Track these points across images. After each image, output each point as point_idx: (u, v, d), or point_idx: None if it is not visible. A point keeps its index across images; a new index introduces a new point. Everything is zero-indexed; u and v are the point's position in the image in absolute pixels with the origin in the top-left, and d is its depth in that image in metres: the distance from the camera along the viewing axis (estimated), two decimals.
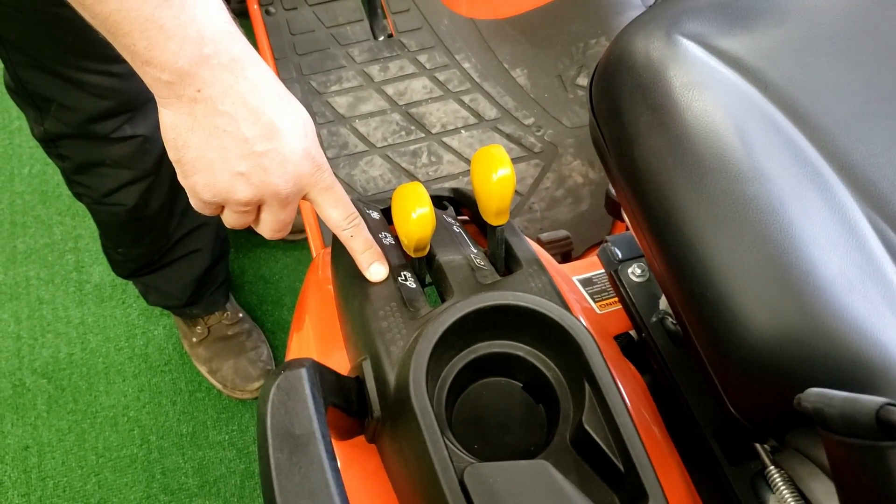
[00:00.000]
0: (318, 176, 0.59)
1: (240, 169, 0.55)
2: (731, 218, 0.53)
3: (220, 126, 0.54)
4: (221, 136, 0.54)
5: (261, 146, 0.55)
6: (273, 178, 0.56)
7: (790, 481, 0.60)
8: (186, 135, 0.55)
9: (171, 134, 0.56)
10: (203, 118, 0.54)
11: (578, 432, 0.55)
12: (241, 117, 0.54)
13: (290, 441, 0.45)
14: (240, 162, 0.55)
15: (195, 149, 0.55)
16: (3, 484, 1.45)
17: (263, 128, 0.54)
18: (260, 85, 0.54)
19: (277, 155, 0.55)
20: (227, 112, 0.53)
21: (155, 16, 0.49)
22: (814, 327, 0.49)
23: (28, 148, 1.84)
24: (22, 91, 1.03)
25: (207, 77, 0.52)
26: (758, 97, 0.59)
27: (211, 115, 0.54)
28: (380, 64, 1.52)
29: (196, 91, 0.53)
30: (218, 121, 0.54)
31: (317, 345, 0.74)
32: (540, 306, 0.58)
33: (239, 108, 0.54)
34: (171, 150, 0.57)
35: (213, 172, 0.56)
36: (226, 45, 0.53)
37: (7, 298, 1.65)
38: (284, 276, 1.68)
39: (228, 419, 1.51)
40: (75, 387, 1.55)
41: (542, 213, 1.36)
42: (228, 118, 0.54)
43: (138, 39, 0.50)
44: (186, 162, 0.56)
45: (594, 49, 1.52)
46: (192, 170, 0.57)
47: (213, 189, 0.57)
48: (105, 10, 0.49)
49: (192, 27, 0.51)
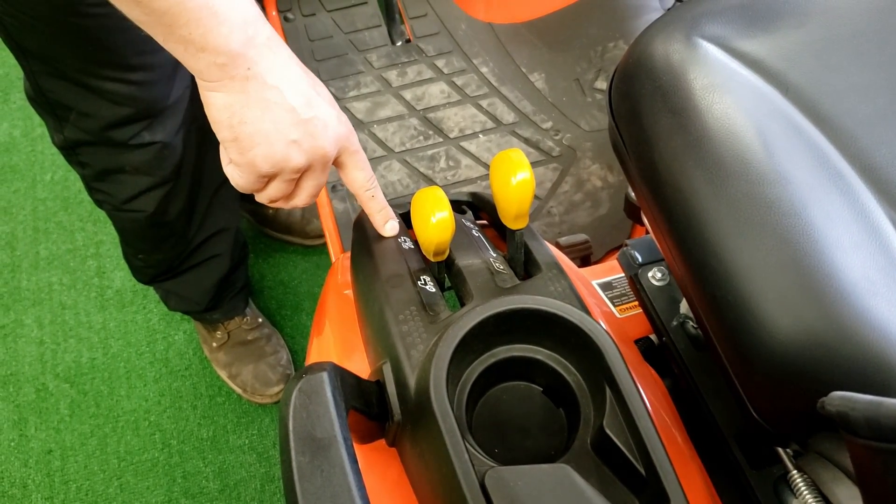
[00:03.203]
0: (351, 138, 0.65)
1: (293, 137, 0.60)
2: (752, 221, 0.52)
3: (271, 99, 0.58)
4: (273, 108, 0.59)
5: (306, 113, 0.60)
6: (320, 141, 0.61)
7: (813, 486, 0.59)
8: (242, 111, 0.59)
9: (226, 114, 0.59)
10: (255, 93, 0.58)
11: (599, 436, 0.55)
12: (286, 89, 0.59)
13: (312, 444, 0.45)
14: (292, 130, 0.59)
15: (251, 123, 0.59)
16: (27, 487, 1.47)
17: (305, 97, 0.60)
18: (291, 60, 0.60)
19: (320, 121, 0.60)
20: (275, 85, 0.58)
21: (209, 3, 0.54)
22: (837, 331, 0.48)
23: (50, 155, 1.86)
24: (42, 99, 1.04)
25: (254, 55, 0.57)
26: (779, 99, 0.59)
27: (262, 90, 0.58)
28: (398, 69, 1.52)
29: (247, 69, 0.57)
30: (268, 94, 0.58)
31: (337, 349, 0.74)
32: (560, 310, 0.57)
33: (283, 81, 0.59)
34: (225, 130, 0.60)
35: (271, 143, 0.60)
36: (261, 26, 0.58)
37: (30, 304, 1.67)
38: (303, 280, 1.69)
39: (248, 423, 1.52)
40: (97, 391, 1.56)
41: (560, 217, 1.36)
42: (276, 91, 0.58)
43: (195, 28, 0.54)
44: (245, 137, 0.60)
45: (612, 52, 1.51)
46: (251, 144, 0.60)
47: (273, 159, 0.60)
48: (165, 4, 0.53)
49: (236, 11, 0.55)
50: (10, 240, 1.75)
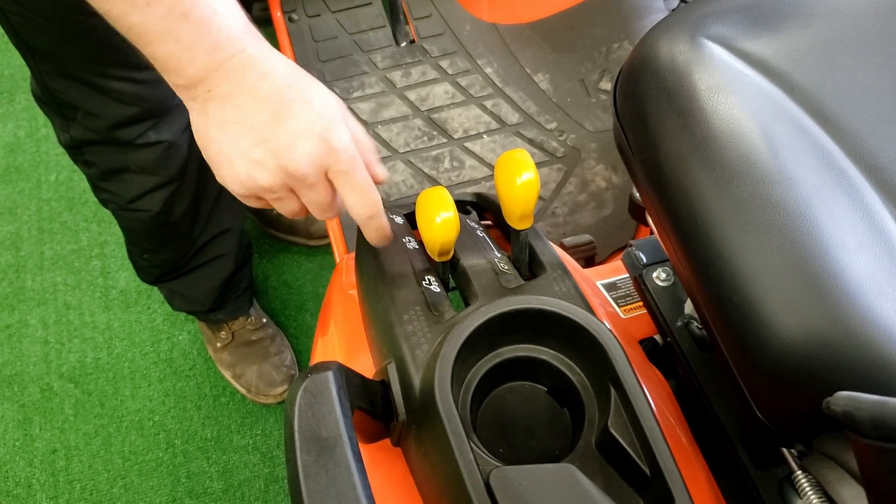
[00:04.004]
0: (333, 158, 0.57)
1: (255, 156, 0.57)
2: (757, 221, 0.52)
3: (230, 119, 0.56)
4: (231, 127, 0.56)
5: (268, 131, 0.56)
6: (285, 160, 0.56)
7: (818, 486, 0.59)
8: (204, 132, 0.58)
9: (196, 135, 0.59)
10: (214, 114, 0.57)
11: (604, 436, 0.55)
12: (247, 107, 0.56)
13: (318, 444, 0.45)
14: (253, 149, 0.56)
15: (214, 143, 0.58)
16: (32, 486, 1.47)
17: (270, 114, 0.56)
18: (269, 75, 0.56)
19: (286, 138, 0.56)
20: (235, 105, 0.56)
21: (172, 29, 0.53)
22: (842, 331, 0.48)
23: (55, 155, 1.86)
24: (49, 99, 1.05)
25: (217, 79, 0.55)
26: (784, 100, 0.59)
27: (220, 110, 0.56)
28: (402, 70, 1.52)
29: (206, 91, 0.56)
30: (227, 114, 0.56)
31: (341, 349, 0.74)
32: (564, 310, 0.57)
33: (245, 100, 0.56)
34: (202, 150, 0.59)
35: (232, 164, 0.58)
36: (239, 47, 0.55)
37: (35, 304, 1.67)
38: (307, 281, 1.69)
39: (252, 423, 1.52)
40: (102, 391, 1.57)
41: (564, 217, 1.36)
42: (236, 111, 0.56)
43: (158, 49, 0.54)
44: (211, 158, 0.59)
45: (617, 53, 1.51)
46: (217, 165, 0.59)
47: (237, 180, 0.58)
48: (128, 22, 0.53)
49: (207, 38, 0.54)
50: (14, 240, 1.76)
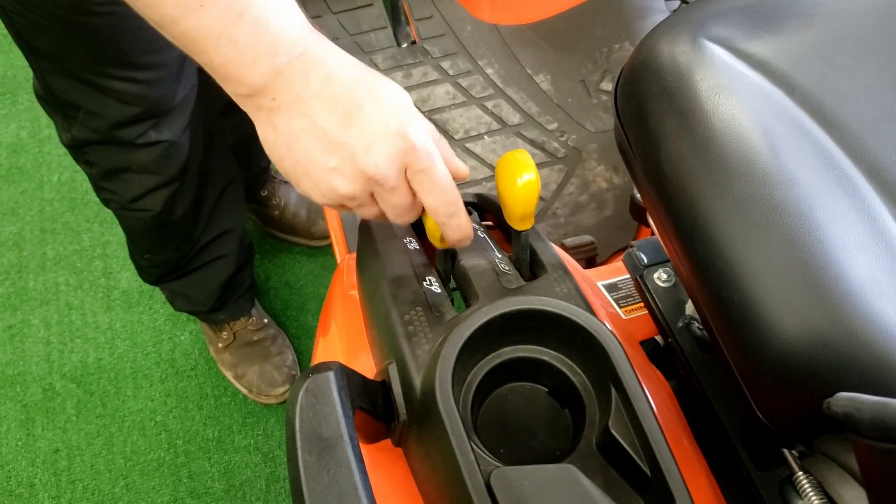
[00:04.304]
0: (413, 156, 0.54)
1: (331, 164, 0.53)
2: (758, 222, 0.52)
3: (299, 128, 0.53)
4: (302, 137, 0.53)
5: (341, 136, 0.53)
6: (363, 164, 0.53)
7: (819, 487, 0.59)
8: (275, 146, 0.54)
9: (267, 149, 0.55)
10: (283, 125, 0.53)
11: (605, 437, 0.55)
12: (315, 112, 0.52)
13: (319, 444, 0.45)
14: (328, 157, 0.53)
15: (288, 158, 0.55)
16: (34, 486, 1.47)
17: (340, 116, 0.52)
18: (333, 75, 0.53)
19: (361, 139, 0.53)
20: (303, 112, 0.53)
21: (228, 32, 0.49)
22: (843, 332, 0.48)
23: (57, 156, 1.86)
24: (51, 98, 1.05)
25: (280, 84, 0.52)
26: (785, 100, 0.58)
27: (288, 120, 0.53)
28: (403, 70, 1.52)
29: (271, 100, 0.52)
30: (295, 123, 0.53)
31: (342, 349, 0.75)
32: (565, 311, 0.57)
33: (312, 105, 0.52)
34: (277, 167, 0.56)
35: (310, 175, 0.55)
36: (300, 48, 0.52)
37: (37, 304, 1.67)
38: (309, 281, 1.69)
39: (254, 424, 1.52)
40: (104, 391, 1.57)
41: (565, 218, 1.36)
42: (304, 118, 0.53)
43: (214, 56, 0.50)
44: (289, 174, 0.56)
45: (618, 54, 1.51)
46: (296, 179, 0.56)
47: (318, 190, 0.55)
48: (182, 28, 0.49)
49: (265, 40, 0.50)
50: (17, 240, 1.76)
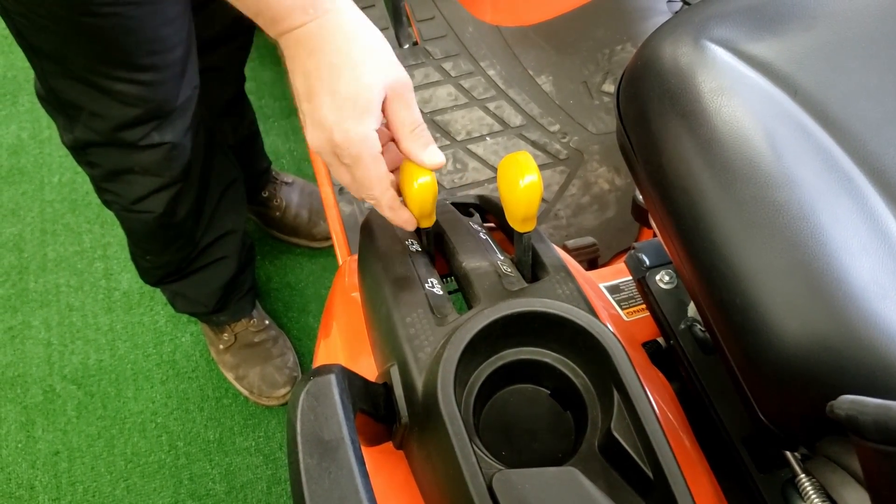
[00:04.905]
0: (339, 152, 0.63)
1: (300, 116, 0.67)
2: (761, 224, 0.52)
3: (290, 78, 0.65)
4: (292, 84, 0.65)
5: (303, 104, 0.64)
6: (306, 134, 0.64)
7: (821, 490, 0.59)
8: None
9: None
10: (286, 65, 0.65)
11: (607, 439, 0.55)
12: (296, 73, 0.63)
13: (320, 446, 0.45)
14: (299, 112, 0.66)
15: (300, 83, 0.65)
16: (35, 488, 1.47)
17: (306, 90, 0.63)
18: (316, 51, 0.62)
19: (309, 116, 0.63)
20: (290, 68, 0.64)
21: None
22: (846, 334, 0.48)
23: (58, 157, 1.86)
24: (53, 99, 1.05)
25: (282, 43, 0.63)
26: (787, 102, 0.58)
27: (287, 67, 0.65)
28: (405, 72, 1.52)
29: (282, 48, 0.64)
30: (289, 74, 0.65)
31: (344, 351, 0.75)
32: (568, 313, 0.57)
33: (296, 66, 0.63)
34: None
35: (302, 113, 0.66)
36: (299, 20, 0.61)
37: (38, 305, 1.67)
38: (310, 283, 1.69)
39: (255, 426, 1.52)
40: (104, 393, 1.57)
41: (567, 220, 1.35)
42: (290, 73, 0.64)
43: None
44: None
45: (620, 55, 1.51)
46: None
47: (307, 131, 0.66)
48: None
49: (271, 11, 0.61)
50: (17, 242, 1.76)
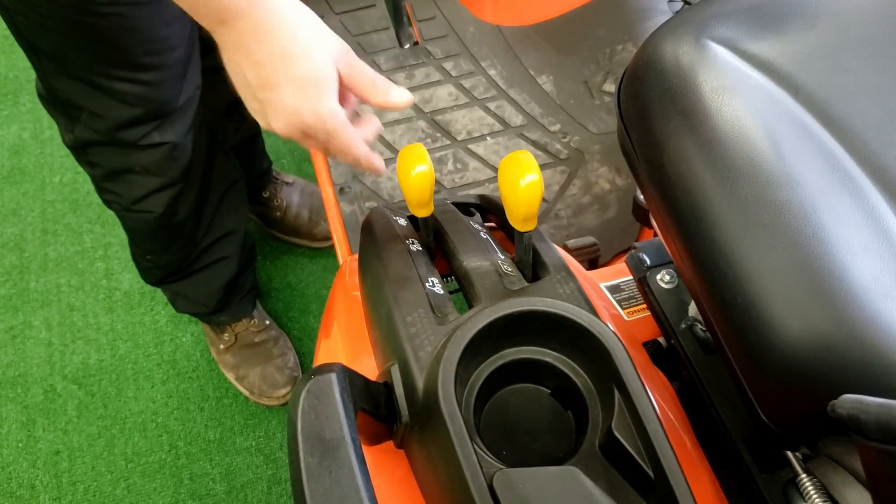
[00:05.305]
0: (312, 133, 0.66)
1: (254, 106, 0.66)
2: (762, 223, 0.52)
3: (232, 70, 0.66)
4: (237, 77, 0.66)
5: (261, 94, 0.65)
6: (271, 122, 0.66)
7: (823, 489, 0.59)
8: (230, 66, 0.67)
9: None
10: (230, 55, 0.65)
11: (608, 439, 0.55)
12: (245, 64, 0.64)
13: (321, 445, 0.45)
14: (253, 102, 0.66)
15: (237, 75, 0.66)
16: (35, 488, 1.47)
17: (261, 80, 0.64)
18: (264, 40, 0.63)
19: (272, 105, 0.65)
20: (241, 57, 0.64)
21: None
22: (847, 334, 0.48)
23: (59, 157, 1.86)
24: (54, 99, 1.05)
25: (221, 35, 0.64)
26: (789, 101, 0.58)
27: (234, 55, 0.65)
28: (406, 71, 1.52)
29: (219, 41, 0.65)
30: (231, 66, 0.66)
31: (345, 350, 0.74)
32: (568, 312, 0.57)
33: (243, 58, 0.64)
34: None
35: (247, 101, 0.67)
36: (243, 11, 0.62)
37: (38, 305, 1.67)
38: (311, 283, 1.69)
39: (255, 425, 1.52)
40: (105, 392, 1.57)
41: (568, 219, 1.35)
42: (243, 59, 0.64)
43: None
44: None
45: (621, 55, 1.51)
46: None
47: (264, 121, 0.67)
48: None
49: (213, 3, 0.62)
50: (18, 241, 1.76)
